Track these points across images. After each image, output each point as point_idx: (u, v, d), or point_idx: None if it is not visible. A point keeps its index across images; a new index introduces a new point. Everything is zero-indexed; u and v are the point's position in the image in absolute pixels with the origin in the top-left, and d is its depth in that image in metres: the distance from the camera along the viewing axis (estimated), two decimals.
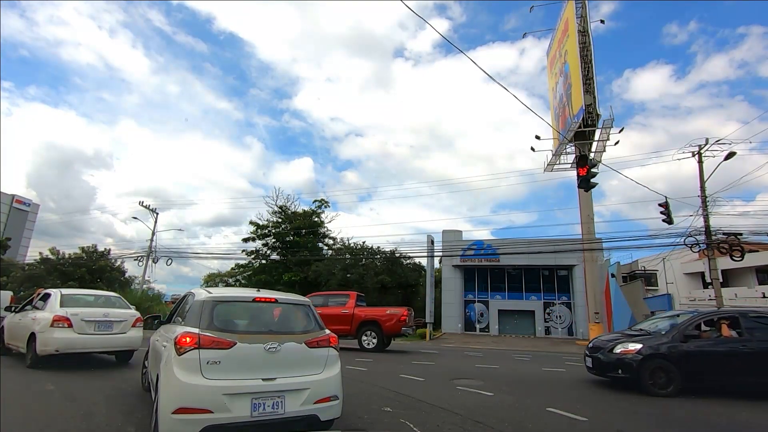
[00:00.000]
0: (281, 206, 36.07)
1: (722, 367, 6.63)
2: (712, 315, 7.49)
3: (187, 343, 3.61)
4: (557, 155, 29.34)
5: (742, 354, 6.61)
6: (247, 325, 4.15)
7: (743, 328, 6.83)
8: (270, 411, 3.62)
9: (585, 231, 25.39)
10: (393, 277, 32.59)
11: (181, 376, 3.51)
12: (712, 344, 6.87)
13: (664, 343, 6.92)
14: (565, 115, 27.55)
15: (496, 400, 5.93)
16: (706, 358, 6.71)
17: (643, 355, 6.83)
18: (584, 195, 26.08)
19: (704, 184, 18.58)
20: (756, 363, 6.53)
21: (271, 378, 3.73)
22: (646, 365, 6.73)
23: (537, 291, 34.05)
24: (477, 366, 9.38)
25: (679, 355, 6.71)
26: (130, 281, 37.43)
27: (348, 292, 13.36)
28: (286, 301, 4.44)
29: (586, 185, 10.52)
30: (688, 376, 6.64)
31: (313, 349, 4.10)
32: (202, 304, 4.02)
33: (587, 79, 24.93)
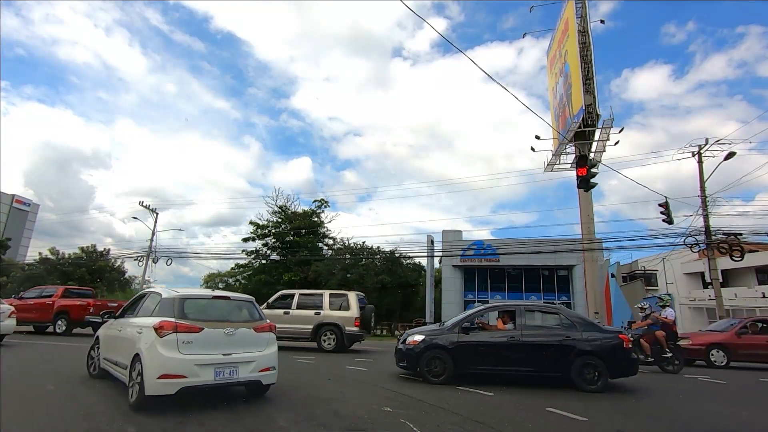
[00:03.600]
0: (281, 206, 36.06)
1: (494, 357, 7.10)
2: (492, 309, 8.11)
3: (167, 328, 4.91)
4: (557, 155, 29.33)
5: (512, 345, 7.01)
6: (211, 315, 5.43)
7: (517, 321, 7.25)
8: (228, 376, 5.09)
9: (585, 231, 25.38)
10: (393, 277, 32.60)
11: (163, 352, 4.79)
12: (487, 336, 7.31)
13: (444, 334, 7.39)
14: (565, 115, 27.56)
15: (496, 400, 5.93)
16: (480, 349, 7.17)
17: (424, 345, 7.28)
18: (584, 195, 26.07)
19: (704, 184, 18.60)
20: (525, 353, 6.96)
21: (229, 353, 5.16)
22: (426, 355, 7.19)
23: (537, 291, 34.03)
24: None
25: (454, 346, 7.15)
26: (130, 281, 37.48)
27: None
28: (236, 298, 5.96)
29: (586, 185, 10.51)
30: (461, 365, 7.11)
31: (258, 333, 5.56)
32: (174, 301, 5.28)
33: (587, 79, 24.93)
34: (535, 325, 7.25)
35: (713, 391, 7.95)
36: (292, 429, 4.35)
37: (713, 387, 8.47)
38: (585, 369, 6.74)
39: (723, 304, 17.59)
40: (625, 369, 6.96)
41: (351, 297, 12.20)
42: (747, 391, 8.25)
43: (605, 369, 6.70)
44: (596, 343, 6.82)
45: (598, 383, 6.66)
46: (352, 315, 11.80)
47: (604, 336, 6.95)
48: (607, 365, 6.72)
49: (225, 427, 4.34)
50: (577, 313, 7.68)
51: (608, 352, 6.78)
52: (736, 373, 11.24)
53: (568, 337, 6.88)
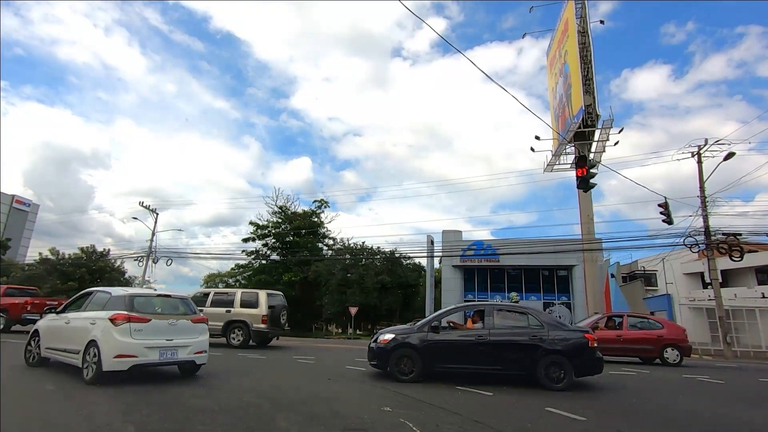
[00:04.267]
0: (281, 206, 36.05)
1: (462, 355, 7.17)
2: (463, 308, 8.21)
3: (121, 319, 6.16)
4: (557, 155, 29.35)
5: (480, 344, 7.09)
6: (157, 309, 6.76)
7: (486, 321, 7.33)
8: (169, 357, 6.51)
9: (585, 231, 25.40)
10: (393, 277, 32.61)
11: (118, 337, 6.06)
12: (456, 335, 7.39)
13: (413, 333, 7.45)
14: (564, 115, 27.57)
15: (496, 400, 5.94)
16: (448, 347, 7.23)
17: (394, 344, 7.36)
18: (584, 195, 26.08)
19: (704, 185, 18.60)
20: (493, 352, 7.04)
21: (171, 339, 6.54)
22: (395, 353, 7.28)
23: (537, 291, 34.01)
24: None
25: (423, 345, 7.22)
26: (131, 281, 37.46)
27: None
28: (176, 296, 7.35)
29: (585, 186, 10.53)
30: (429, 363, 7.17)
31: (194, 324, 6.98)
32: (125, 298, 6.55)
33: (587, 79, 24.95)
34: (503, 325, 7.35)
35: (712, 391, 7.96)
36: (292, 429, 4.35)
37: (712, 386, 8.48)
38: (551, 368, 6.80)
39: (723, 304, 17.59)
40: (590, 367, 7.03)
41: (261, 295, 12.66)
42: (746, 391, 8.26)
43: (570, 367, 6.77)
44: (562, 342, 6.89)
45: (563, 382, 6.72)
46: (260, 312, 12.24)
47: (570, 335, 7.02)
48: (572, 364, 6.79)
49: (225, 427, 4.35)
50: (546, 313, 7.74)
51: (573, 351, 6.84)
52: (735, 373, 11.26)
53: (534, 337, 6.97)
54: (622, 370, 10.10)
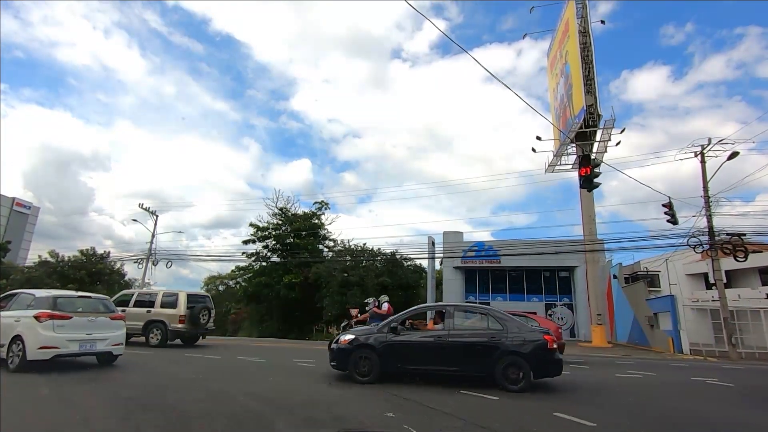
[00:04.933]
0: (281, 208, 35.95)
1: (421, 356, 7.14)
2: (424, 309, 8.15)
3: (44, 317, 7.25)
4: (558, 156, 29.25)
5: (439, 345, 7.05)
6: (78, 308, 7.82)
7: (446, 321, 7.30)
8: (89, 348, 7.69)
9: (587, 232, 25.28)
10: (393, 278, 32.46)
11: (42, 332, 7.16)
12: (415, 336, 7.31)
13: (373, 334, 7.40)
14: (566, 115, 27.48)
15: (501, 404, 5.78)
16: (407, 348, 7.17)
17: (353, 345, 7.33)
18: (586, 196, 25.98)
19: (707, 184, 18.45)
20: (451, 353, 6.99)
21: (90, 333, 7.68)
22: (354, 354, 7.25)
23: (538, 292, 33.86)
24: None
25: (382, 346, 7.19)
26: (131, 284, 37.32)
27: None
28: (96, 297, 8.64)
29: (589, 185, 10.40)
30: (388, 364, 7.15)
31: (112, 320, 8.17)
32: (48, 298, 7.66)
33: (588, 79, 24.85)
34: (463, 326, 7.34)
35: (721, 394, 7.81)
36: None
37: (721, 389, 8.32)
38: (509, 369, 6.75)
39: (727, 304, 17.42)
40: (549, 369, 6.95)
41: (181, 296, 13.01)
42: (754, 393, 8.10)
43: (528, 369, 6.70)
44: (520, 343, 6.83)
45: (521, 383, 6.65)
46: (177, 313, 12.64)
47: (529, 336, 6.94)
48: (530, 365, 6.73)
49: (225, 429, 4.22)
50: (507, 314, 7.60)
51: (532, 352, 6.77)
52: (743, 374, 11.09)
53: (493, 338, 6.93)
54: (627, 372, 9.93)
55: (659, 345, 19.92)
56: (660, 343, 19.88)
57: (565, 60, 27.52)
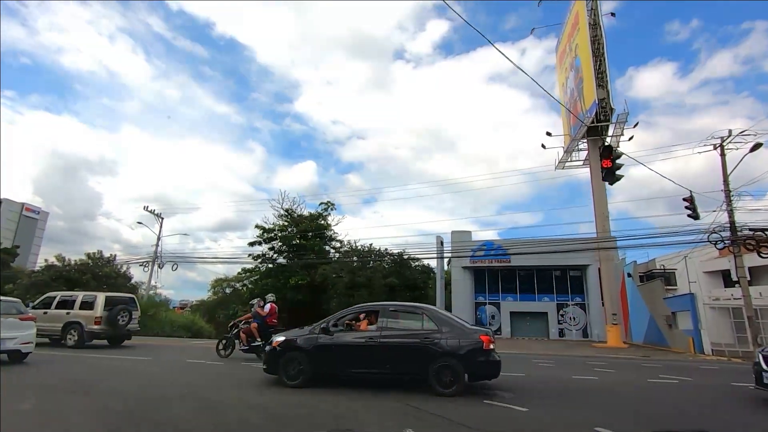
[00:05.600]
0: (287, 209, 35.59)
1: (352, 358, 6.80)
2: (360, 309, 7.59)
3: None
4: (569, 152, 28.59)
5: (370, 346, 6.70)
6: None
7: (380, 322, 6.97)
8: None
9: (600, 229, 24.57)
10: (401, 279, 31.92)
11: None
12: (347, 337, 6.96)
13: (305, 336, 7.06)
14: (576, 110, 26.80)
15: (532, 417, 5.20)
16: (338, 350, 6.85)
17: (283, 347, 7.01)
18: (598, 192, 25.29)
19: (728, 178, 17.75)
20: (383, 355, 6.64)
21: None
22: (284, 356, 6.93)
23: (549, 292, 33.19)
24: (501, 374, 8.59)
25: (312, 348, 6.87)
26: (137, 287, 37.11)
27: None
28: (6, 300, 9.21)
29: (611, 178, 9.83)
30: (318, 367, 6.84)
31: (22, 321, 8.84)
32: None
33: (599, 73, 24.19)
34: (396, 326, 6.93)
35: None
36: None
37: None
38: (442, 371, 6.35)
39: (751, 303, 16.69)
40: (484, 371, 6.55)
41: (99, 298, 13.29)
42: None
43: (463, 371, 6.31)
44: (454, 344, 6.44)
45: (453, 387, 6.25)
46: (94, 314, 12.84)
47: (465, 337, 6.52)
48: (464, 367, 6.34)
49: None
50: (444, 313, 7.25)
51: (466, 354, 6.37)
52: None
53: (427, 338, 6.56)
54: (659, 377, 9.24)
55: (679, 345, 19.20)
56: (679, 343, 19.16)
57: (575, 54, 26.87)
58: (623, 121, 23.45)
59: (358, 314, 7.56)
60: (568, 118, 28.91)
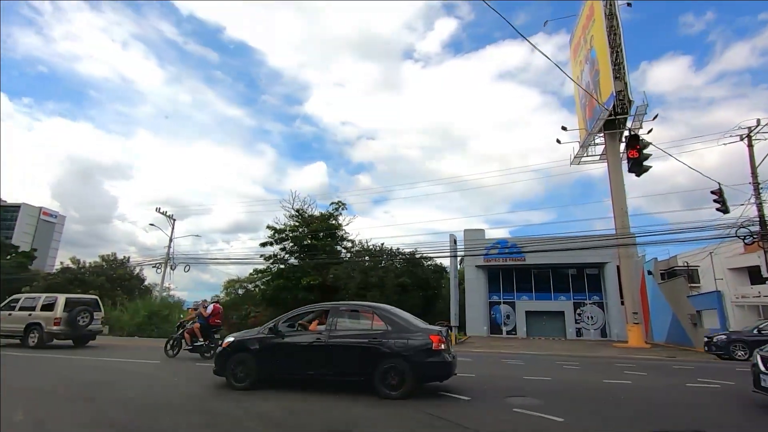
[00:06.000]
0: (298, 209, 35.39)
1: (300, 360, 6.54)
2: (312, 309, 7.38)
3: None
4: (585, 147, 27.82)
5: (318, 347, 6.44)
6: None
7: (328, 322, 6.70)
8: None
9: (619, 225, 23.80)
10: (413, 278, 31.42)
11: None
12: (295, 338, 6.71)
13: (254, 336, 6.87)
14: (592, 103, 26.04)
15: (570, 429, 4.71)
16: (286, 351, 6.59)
17: (232, 348, 6.80)
18: (617, 187, 24.51)
19: (756, 170, 16.93)
20: (330, 356, 6.40)
21: None
22: (233, 358, 6.70)
23: (566, 291, 32.41)
24: (525, 378, 8.14)
25: (260, 349, 6.65)
26: (150, 289, 37.35)
27: None
28: None
29: (638, 169, 9.29)
30: (265, 369, 6.61)
31: None
32: None
33: (616, 64, 23.42)
34: (345, 326, 6.69)
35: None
36: None
37: None
38: (389, 373, 6.03)
39: None
40: (433, 372, 6.21)
41: (60, 299, 13.59)
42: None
43: (411, 373, 5.97)
44: (402, 344, 6.14)
45: (401, 389, 5.91)
46: (53, 315, 13.13)
47: (413, 337, 6.21)
48: (412, 369, 5.99)
49: None
50: (396, 312, 6.83)
51: (414, 355, 6.06)
52: None
53: (375, 339, 6.26)
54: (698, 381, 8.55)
55: None
56: None
57: (591, 45, 26.12)
58: (642, 113, 22.65)
59: (309, 314, 7.32)
60: (583, 112, 28.15)
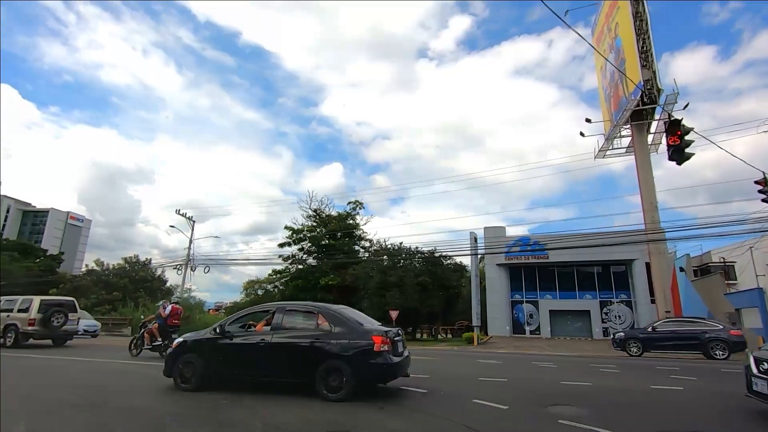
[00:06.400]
0: (315, 210, 35.30)
1: (245, 361, 6.46)
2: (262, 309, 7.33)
3: None
4: (610, 140, 26.79)
5: (261, 348, 6.31)
6: None
7: (273, 322, 6.61)
8: None
9: (648, 220, 22.75)
10: (433, 278, 30.80)
11: None
12: (240, 339, 6.57)
13: (201, 337, 6.83)
14: (618, 94, 25.03)
15: None
16: (231, 352, 6.50)
17: (180, 348, 6.76)
18: (645, 180, 23.44)
19: None
20: (273, 357, 6.27)
21: None
22: (181, 359, 6.62)
23: (591, 289, 31.34)
24: (562, 383, 7.54)
25: (206, 349, 6.57)
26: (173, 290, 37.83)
27: None
28: None
29: (680, 156, 8.61)
30: (211, 370, 6.49)
31: None
32: None
33: (644, 52, 22.39)
34: (288, 327, 6.51)
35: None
36: None
37: None
38: (330, 375, 5.88)
39: None
40: (374, 375, 6.01)
41: (35, 301, 14.22)
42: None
43: (351, 375, 5.78)
44: (343, 345, 5.98)
45: (340, 392, 5.73)
46: (27, 316, 13.80)
47: (354, 338, 6.03)
48: (353, 370, 5.80)
49: None
50: (342, 312, 6.58)
51: (354, 355, 5.89)
52: None
53: (317, 339, 6.12)
54: None
55: None
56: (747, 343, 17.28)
57: (615, 33, 25.09)
58: (672, 103, 21.56)
59: (256, 314, 7.24)
60: (608, 103, 27.10)
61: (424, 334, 39.29)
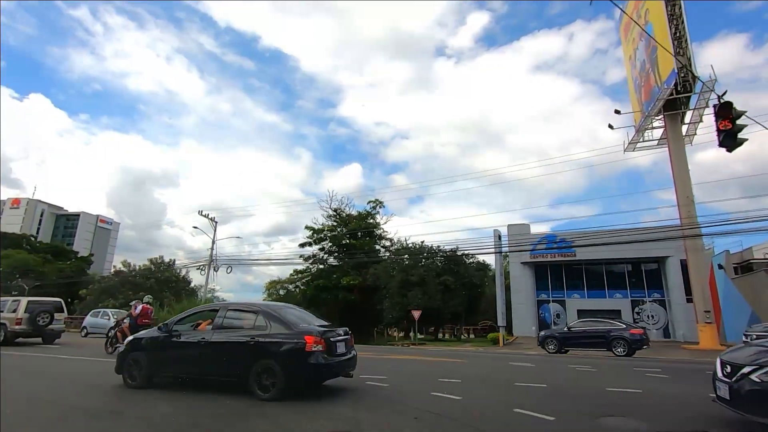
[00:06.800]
0: (335, 209, 35.21)
1: (186, 360, 6.49)
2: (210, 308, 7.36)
3: None
4: (640, 131, 25.63)
5: (201, 347, 6.31)
6: None
7: (216, 321, 6.57)
8: None
9: (684, 215, 21.60)
10: (456, 277, 30.20)
11: None
12: (183, 337, 6.58)
13: (149, 335, 6.90)
14: (649, 84, 23.89)
15: None
16: (174, 350, 6.55)
17: (130, 347, 6.88)
18: (680, 173, 22.29)
19: None
20: (212, 356, 6.26)
21: None
22: (129, 357, 6.72)
23: (622, 287, 30.12)
24: (608, 389, 6.96)
25: (151, 348, 6.68)
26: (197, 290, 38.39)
27: None
28: None
29: (731, 142, 7.87)
30: (155, 368, 6.63)
31: None
32: None
33: (677, 38, 21.27)
34: (229, 326, 6.50)
35: None
36: None
37: None
38: (263, 374, 5.84)
39: None
40: (305, 375, 5.91)
41: (22, 302, 14.90)
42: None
43: (282, 375, 5.72)
44: (276, 345, 5.93)
45: (271, 391, 5.70)
46: (15, 316, 14.43)
47: (287, 337, 5.93)
48: (283, 370, 5.73)
49: None
50: (282, 311, 6.46)
51: (285, 354, 5.84)
52: None
53: (253, 338, 6.09)
54: None
55: None
56: None
57: (646, 19, 23.96)
58: (709, 90, 20.36)
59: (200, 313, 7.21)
60: (638, 94, 25.93)
61: (446, 335, 38.70)
